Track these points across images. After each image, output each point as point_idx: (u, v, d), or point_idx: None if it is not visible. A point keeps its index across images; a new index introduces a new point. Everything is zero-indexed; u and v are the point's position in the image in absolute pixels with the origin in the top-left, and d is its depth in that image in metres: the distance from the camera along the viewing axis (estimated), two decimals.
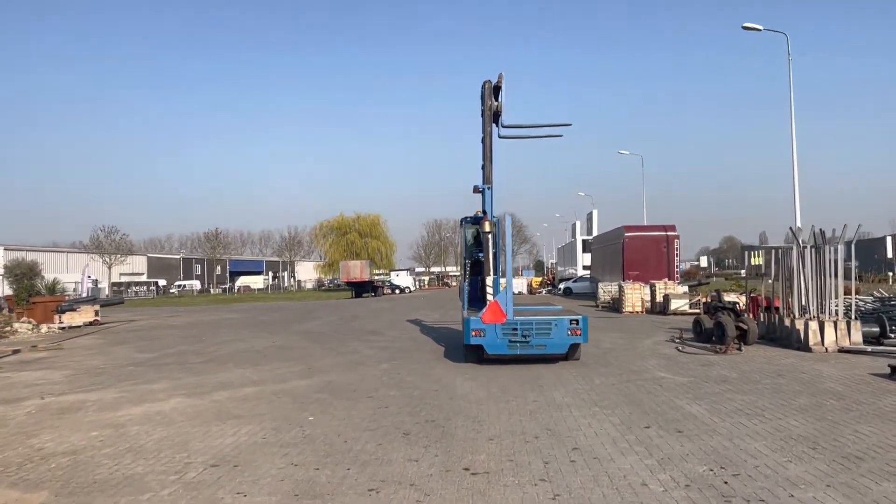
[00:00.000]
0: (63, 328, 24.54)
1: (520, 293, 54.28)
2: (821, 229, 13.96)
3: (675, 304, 24.21)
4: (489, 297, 12.12)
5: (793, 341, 13.48)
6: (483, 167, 13.39)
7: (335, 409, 8.21)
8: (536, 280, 62.21)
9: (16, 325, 23.01)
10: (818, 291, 13.63)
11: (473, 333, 11.46)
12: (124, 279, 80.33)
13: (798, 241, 13.89)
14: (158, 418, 7.99)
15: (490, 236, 12.94)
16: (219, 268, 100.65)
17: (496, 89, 13.46)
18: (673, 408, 7.88)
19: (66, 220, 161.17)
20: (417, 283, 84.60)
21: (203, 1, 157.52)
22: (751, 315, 15.69)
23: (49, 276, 30.43)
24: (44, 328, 23.90)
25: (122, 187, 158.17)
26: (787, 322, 14.01)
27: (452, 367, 11.85)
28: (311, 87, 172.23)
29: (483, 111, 13.58)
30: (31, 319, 24.40)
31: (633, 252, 34.30)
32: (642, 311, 25.67)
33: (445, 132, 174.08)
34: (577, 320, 11.56)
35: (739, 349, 13.12)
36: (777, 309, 15.16)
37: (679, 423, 7.10)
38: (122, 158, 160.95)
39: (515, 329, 11.43)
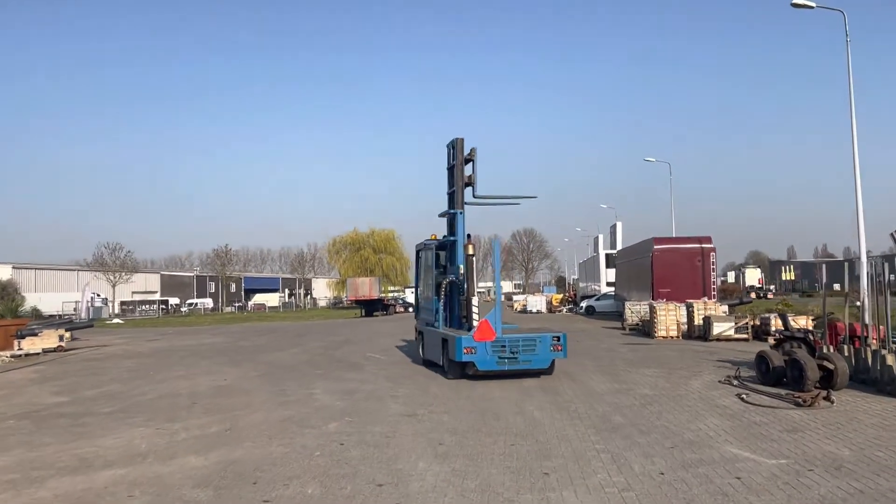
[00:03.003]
0: (18, 355, 21.68)
1: (538, 312, 50.59)
2: None
3: (718, 329, 20.41)
4: (475, 317, 12.44)
5: None
6: (451, 197, 14.62)
7: None
8: (557, 297, 58.16)
9: None
10: None
11: (465, 351, 11.90)
12: (137, 297, 78.05)
13: None
14: None
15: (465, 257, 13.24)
16: (234, 285, 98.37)
17: (468, 161, 14.26)
18: None
19: (90, 240, 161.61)
20: None
21: (212, 16, 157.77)
22: (832, 348, 12.03)
23: (55, 295, 27.96)
24: None
25: (142, 205, 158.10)
26: (889, 360, 10.33)
27: (426, 428, 8.42)
28: (326, 99, 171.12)
29: (453, 167, 14.44)
30: None
31: (663, 267, 30.48)
32: (678, 336, 21.90)
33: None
34: (558, 337, 12.40)
35: (829, 399, 9.47)
36: (866, 339, 11.52)
37: None
38: (144, 177, 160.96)
39: (504, 346, 12.07)
